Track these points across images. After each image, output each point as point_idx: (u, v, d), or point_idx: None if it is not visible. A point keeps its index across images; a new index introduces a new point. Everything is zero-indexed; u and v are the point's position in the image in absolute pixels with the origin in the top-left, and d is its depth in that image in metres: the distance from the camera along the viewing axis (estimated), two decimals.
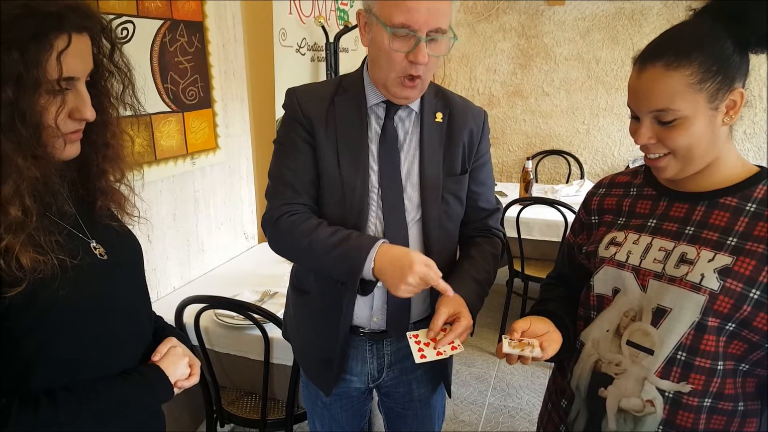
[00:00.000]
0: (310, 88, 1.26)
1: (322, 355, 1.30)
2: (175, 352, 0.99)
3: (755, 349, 0.91)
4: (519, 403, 2.72)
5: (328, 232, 1.14)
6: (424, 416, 1.44)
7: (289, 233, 1.17)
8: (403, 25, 1.05)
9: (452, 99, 1.28)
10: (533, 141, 4.39)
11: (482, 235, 1.34)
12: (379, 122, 1.22)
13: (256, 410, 1.92)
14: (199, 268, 2.42)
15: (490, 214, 1.36)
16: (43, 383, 0.82)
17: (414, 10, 1.04)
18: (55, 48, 0.76)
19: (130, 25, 1.91)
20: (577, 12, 4.02)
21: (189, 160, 2.27)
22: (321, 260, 1.15)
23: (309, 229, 1.15)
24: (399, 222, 1.22)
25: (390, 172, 1.21)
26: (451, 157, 1.26)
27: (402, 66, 1.10)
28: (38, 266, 0.77)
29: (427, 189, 1.23)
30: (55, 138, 0.80)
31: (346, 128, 1.20)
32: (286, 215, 1.18)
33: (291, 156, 1.21)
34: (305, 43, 2.85)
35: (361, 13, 1.14)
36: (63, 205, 0.88)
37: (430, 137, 1.23)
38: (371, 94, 1.21)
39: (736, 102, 0.89)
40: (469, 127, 1.27)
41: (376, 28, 1.09)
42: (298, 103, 1.20)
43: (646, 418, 0.96)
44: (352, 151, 1.19)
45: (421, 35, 1.06)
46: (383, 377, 1.36)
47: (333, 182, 1.20)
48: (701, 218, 0.95)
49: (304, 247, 1.14)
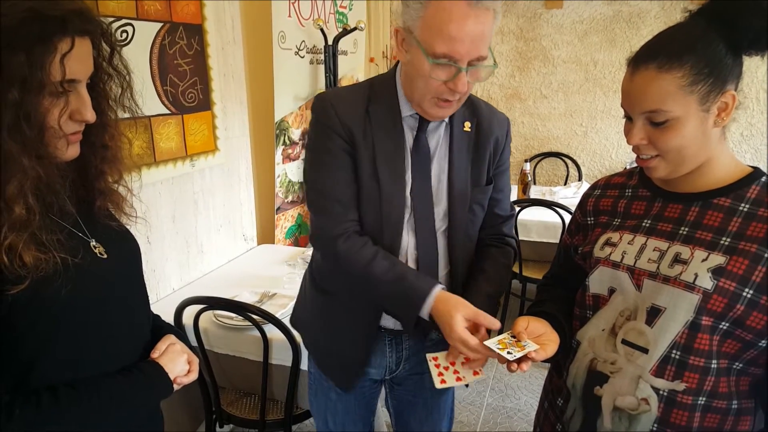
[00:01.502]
0: (342, 94, 1.23)
1: (346, 353, 1.31)
2: (174, 349, 1.00)
3: (749, 348, 0.92)
4: (517, 403, 2.73)
5: (385, 265, 1.14)
6: (433, 405, 1.45)
7: (345, 260, 1.16)
8: (446, 55, 1.03)
9: (479, 107, 1.27)
10: (531, 143, 4.40)
11: (496, 244, 1.34)
12: (412, 133, 1.21)
13: (255, 411, 1.92)
14: (199, 270, 2.42)
15: (505, 220, 1.37)
16: (45, 380, 0.83)
17: (458, 41, 1.02)
18: (59, 51, 0.77)
19: (129, 28, 1.92)
20: (575, 15, 4.04)
21: (188, 162, 2.28)
22: (375, 292, 1.17)
23: (366, 259, 1.15)
24: (429, 233, 1.23)
25: (422, 185, 1.21)
26: (479, 168, 1.26)
27: (440, 90, 1.09)
28: (40, 264, 0.79)
29: (455, 200, 1.24)
30: (58, 139, 0.82)
31: (383, 139, 1.18)
32: (341, 238, 1.17)
33: (334, 168, 1.17)
34: (304, 46, 2.86)
35: (400, 31, 1.11)
36: (64, 205, 0.89)
37: (459, 148, 1.23)
38: (405, 105, 1.19)
39: (728, 104, 0.90)
40: (495, 136, 1.28)
41: (416, 51, 1.07)
42: (335, 112, 1.16)
43: (640, 417, 0.97)
44: (390, 163, 1.18)
45: (462, 65, 1.05)
46: (400, 369, 1.38)
47: (372, 194, 1.18)
48: (695, 219, 0.96)
49: (360, 276, 1.15)
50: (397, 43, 1.13)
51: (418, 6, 1.04)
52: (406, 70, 1.14)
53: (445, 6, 1.01)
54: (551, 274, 1.28)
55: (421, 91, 1.11)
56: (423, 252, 1.23)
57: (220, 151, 2.46)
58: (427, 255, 1.23)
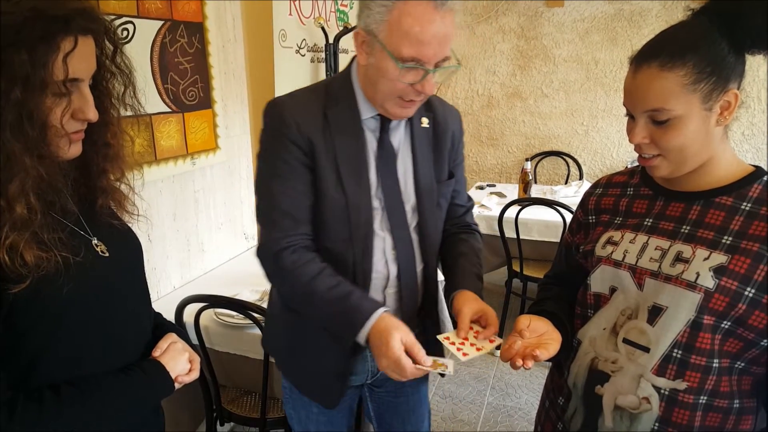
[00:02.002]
0: (299, 100, 1.17)
1: (327, 370, 1.28)
2: (176, 347, 1.00)
3: (750, 347, 0.91)
4: (517, 402, 2.73)
5: (328, 283, 1.11)
6: (415, 401, 1.44)
7: (289, 273, 1.13)
8: (413, 58, 1.03)
9: (431, 101, 1.27)
10: (532, 142, 4.40)
11: (465, 231, 1.38)
12: (374, 135, 1.19)
13: (255, 409, 1.92)
14: (199, 268, 2.42)
15: (467, 210, 1.40)
16: (47, 378, 0.83)
17: (425, 44, 1.02)
18: (62, 50, 0.77)
19: (130, 26, 1.92)
20: (576, 14, 4.03)
21: (189, 160, 2.28)
22: (316, 311, 1.14)
23: (309, 276, 1.12)
24: (404, 231, 1.23)
25: (390, 187, 1.20)
26: (440, 163, 1.27)
27: (405, 92, 1.08)
28: (42, 263, 0.79)
29: (423, 196, 1.24)
30: (60, 138, 0.82)
31: (344, 145, 1.15)
32: (287, 251, 1.14)
33: (288, 180, 1.14)
34: (305, 44, 2.86)
35: (361, 33, 1.08)
36: (66, 204, 0.89)
37: (420, 145, 1.23)
38: (364, 106, 1.17)
39: (731, 103, 0.90)
40: (452, 130, 1.29)
41: (381, 55, 1.06)
42: (294, 122, 1.12)
43: (642, 416, 0.97)
44: (353, 170, 1.16)
45: (429, 68, 1.05)
46: (380, 372, 1.36)
47: (337, 203, 1.16)
48: (697, 217, 0.96)
49: (301, 293, 1.13)
50: (357, 46, 1.11)
51: (381, 9, 1.03)
52: (368, 72, 1.11)
53: (411, 10, 1.00)
54: (552, 273, 1.27)
55: (385, 92, 1.10)
56: (400, 250, 1.22)
57: (220, 149, 2.46)
58: (404, 253, 1.23)
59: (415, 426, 1.46)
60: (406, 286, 1.25)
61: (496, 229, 3.06)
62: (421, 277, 1.29)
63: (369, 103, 1.17)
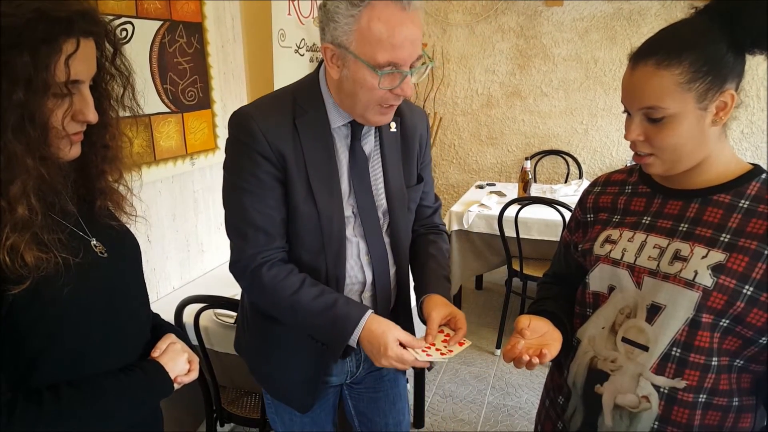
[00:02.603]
0: (266, 111, 1.13)
1: (305, 374, 1.28)
2: (175, 348, 1.00)
3: (749, 345, 0.91)
4: (518, 401, 2.73)
5: (312, 293, 1.12)
6: (394, 395, 1.45)
7: (270, 289, 1.13)
8: (390, 63, 1.02)
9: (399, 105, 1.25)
10: (532, 141, 4.40)
11: (434, 232, 1.40)
12: (345, 143, 1.18)
13: (255, 409, 1.92)
14: (199, 268, 2.42)
15: (434, 211, 1.41)
16: (46, 379, 0.83)
17: (399, 47, 1.01)
18: (64, 52, 0.77)
19: (129, 26, 1.92)
20: (576, 13, 4.03)
21: (188, 160, 2.28)
22: (303, 321, 1.14)
23: (292, 288, 1.12)
24: (378, 236, 1.24)
25: (363, 193, 1.20)
26: (409, 168, 1.28)
27: (385, 98, 1.08)
28: (42, 264, 0.79)
29: (394, 200, 1.24)
30: (61, 139, 0.82)
31: (314, 156, 1.13)
32: (265, 266, 1.13)
33: (259, 195, 1.12)
34: (304, 44, 2.86)
35: (329, 48, 1.06)
36: (65, 205, 0.89)
37: (390, 151, 1.23)
38: (334, 114, 1.15)
39: (727, 103, 0.89)
40: (419, 132, 1.29)
41: (355, 66, 1.04)
42: (263, 135, 1.09)
43: (641, 414, 0.97)
44: (324, 180, 1.14)
45: (406, 70, 1.05)
46: (360, 371, 1.38)
47: (308, 215, 1.15)
48: (695, 215, 0.96)
49: (286, 305, 1.13)
50: (327, 60, 1.09)
51: (349, 20, 1.01)
52: (344, 85, 1.09)
53: (379, 15, 1.00)
54: (552, 272, 1.27)
55: (364, 102, 1.09)
56: (375, 255, 1.23)
57: (220, 149, 2.46)
58: (378, 257, 1.24)
59: (396, 418, 1.46)
60: (381, 290, 1.26)
61: (495, 228, 3.06)
62: (393, 280, 1.30)
63: (341, 111, 1.15)
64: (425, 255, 1.32)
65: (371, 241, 1.22)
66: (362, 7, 1.00)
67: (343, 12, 1.01)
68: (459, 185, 4.65)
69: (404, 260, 1.31)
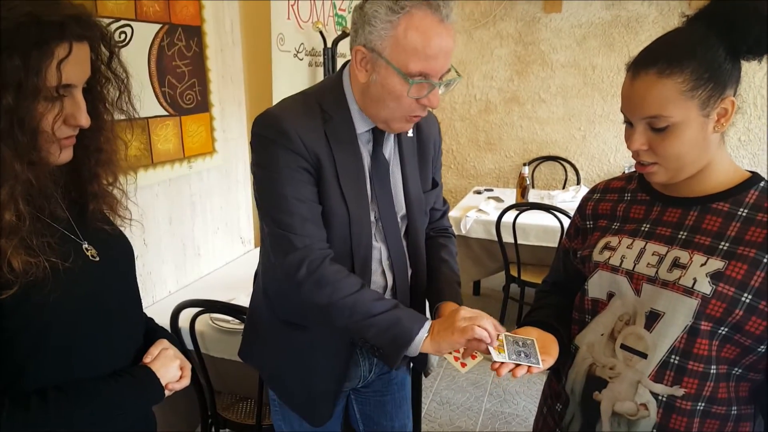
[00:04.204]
0: (296, 114, 1.12)
1: (321, 387, 1.26)
2: (167, 354, 0.99)
3: (748, 353, 0.91)
4: (515, 409, 2.72)
5: (374, 295, 1.10)
6: (401, 398, 1.45)
7: (333, 283, 1.08)
8: (421, 73, 1.03)
9: None
10: (530, 147, 4.40)
11: (443, 235, 1.40)
12: (368, 149, 1.19)
13: (251, 415, 1.91)
14: (195, 273, 2.41)
15: (443, 214, 1.42)
16: (35, 383, 0.82)
17: (433, 58, 1.02)
18: (56, 56, 0.76)
19: (128, 29, 1.91)
20: (574, 19, 4.05)
21: (186, 163, 2.27)
22: (363, 322, 1.07)
23: (355, 287, 1.09)
24: (397, 240, 1.24)
25: (385, 199, 1.20)
26: (425, 173, 1.29)
27: (413, 108, 1.08)
28: (30, 269, 0.78)
29: (413, 205, 1.25)
30: (51, 143, 0.81)
31: (343, 160, 1.14)
32: (327, 260, 1.10)
33: (298, 187, 1.10)
34: (303, 48, 2.86)
35: (361, 50, 1.06)
36: (56, 208, 0.88)
37: (408, 156, 1.25)
38: (359, 121, 1.15)
39: (728, 110, 0.90)
40: (433, 138, 1.31)
41: (386, 72, 1.04)
42: (298, 136, 1.08)
43: (639, 422, 0.97)
44: (353, 185, 1.15)
45: (436, 81, 1.05)
46: (372, 375, 1.37)
47: (340, 218, 1.14)
48: (694, 223, 0.96)
49: (348, 304, 1.07)
50: (356, 63, 1.08)
51: (386, 26, 1.01)
52: (371, 90, 1.09)
53: (418, 24, 1.00)
54: (551, 279, 1.27)
55: (392, 110, 1.09)
56: (395, 259, 1.23)
57: (217, 152, 2.45)
58: (398, 261, 1.24)
59: (402, 421, 1.46)
60: (401, 294, 1.26)
61: (493, 233, 3.06)
62: (411, 283, 1.30)
63: (364, 117, 1.15)
64: (438, 259, 1.33)
65: (392, 245, 1.23)
66: (402, 14, 1.00)
67: (381, 17, 1.01)
68: (457, 190, 4.65)
69: (421, 264, 1.31)
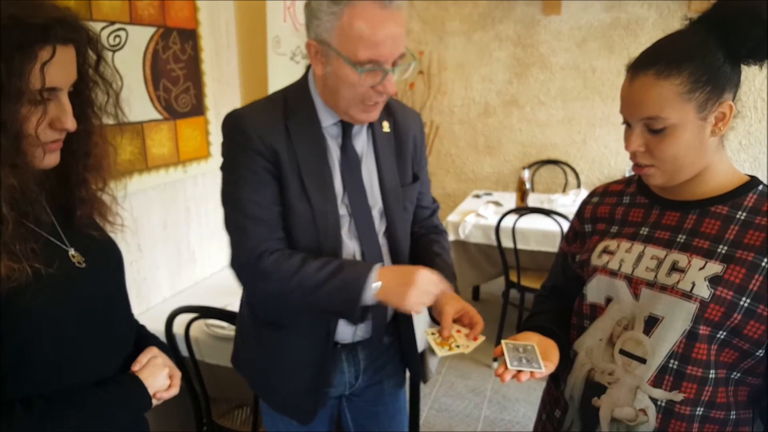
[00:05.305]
0: (258, 112, 1.17)
1: (305, 384, 1.27)
2: (155, 362, 0.97)
3: (746, 357, 0.91)
4: (515, 416, 2.70)
5: (316, 265, 1.11)
6: (394, 409, 1.44)
7: (275, 273, 1.11)
8: (371, 60, 1.04)
9: (391, 105, 1.28)
10: (529, 150, 4.39)
11: (434, 232, 1.40)
12: (337, 143, 1.19)
13: (247, 423, 1.89)
14: (190, 278, 2.40)
15: (432, 212, 1.42)
16: (20, 392, 0.81)
17: (380, 45, 1.03)
18: (39, 59, 0.75)
19: (123, 33, 1.90)
20: (573, 22, 4.04)
21: (180, 168, 2.26)
22: (313, 295, 1.10)
23: (295, 266, 1.11)
24: (372, 237, 1.23)
25: (356, 193, 1.20)
26: (403, 167, 1.28)
27: (368, 95, 1.09)
28: (12, 274, 0.76)
29: (389, 199, 1.24)
30: (35, 147, 0.80)
31: (306, 154, 1.15)
32: (265, 254, 1.12)
33: (257, 188, 1.13)
34: (299, 51, 2.85)
35: (313, 44, 1.09)
36: (40, 214, 0.87)
37: (383, 149, 1.24)
38: (324, 114, 1.17)
39: (725, 114, 0.90)
40: (413, 133, 1.31)
41: (337, 62, 1.06)
42: (257, 134, 1.12)
43: (639, 428, 0.96)
44: (317, 179, 1.16)
45: (388, 67, 1.06)
46: (359, 382, 1.36)
47: (303, 213, 1.16)
48: (692, 226, 0.95)
49: (294, 285, 1.10)
50: (311, 57, 1.11)
51: (331, 17, 1.03)
52: (327, 82, 1.11)
53: (361, 13, 1.02)
54: (549, 284, 1.26)
55: (347, 99, 1.10)
56: (369, 256, 1.22)
57: (213, 157, 2.44)
58: (373, 258, 1.23)
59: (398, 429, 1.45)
60: None
61: (492, 238, 3.04)
62: None
63: (329, 110, 1.17)
64: (430, 253, 1.32)
65: (365, 241, 1.22)
66: (343, 5, 1.02)
67: (324, 9, 1.04)
68: (455, 194, 4.63)
69: (403, 262, 1.30)
